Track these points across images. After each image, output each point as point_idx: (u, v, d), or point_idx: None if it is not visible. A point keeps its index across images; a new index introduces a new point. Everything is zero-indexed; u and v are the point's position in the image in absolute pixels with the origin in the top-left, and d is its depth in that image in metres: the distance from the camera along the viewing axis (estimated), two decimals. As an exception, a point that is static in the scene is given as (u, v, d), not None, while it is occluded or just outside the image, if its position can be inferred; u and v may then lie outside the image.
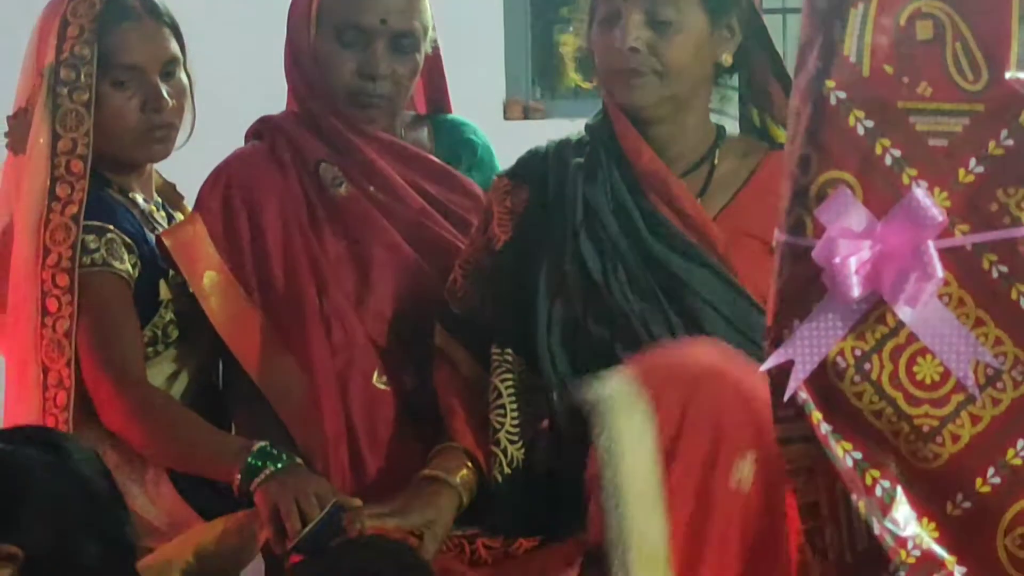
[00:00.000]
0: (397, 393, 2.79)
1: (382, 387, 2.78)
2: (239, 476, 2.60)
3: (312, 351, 2.77)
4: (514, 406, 2.64)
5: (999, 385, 1.73)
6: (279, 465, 2.61)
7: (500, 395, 2.64)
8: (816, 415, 1.75)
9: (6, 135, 2.85)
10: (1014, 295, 1.74)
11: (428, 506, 2.61)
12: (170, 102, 2.82)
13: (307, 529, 2.53)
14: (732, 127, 2.70)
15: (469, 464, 2.66)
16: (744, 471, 2.13)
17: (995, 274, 1.74)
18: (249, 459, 2.60)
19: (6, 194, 2.83)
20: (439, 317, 2.73)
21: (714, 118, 2.66)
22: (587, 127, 2.66)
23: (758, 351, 1.86)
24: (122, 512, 2.18)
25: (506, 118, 5.70)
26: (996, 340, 1.74)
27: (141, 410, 2.72)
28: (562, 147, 2.67)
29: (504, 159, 2.85)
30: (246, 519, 2.61)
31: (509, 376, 2.64)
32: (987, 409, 1.73)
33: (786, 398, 1.76)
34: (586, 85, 5.85)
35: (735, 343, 2.39)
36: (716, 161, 2.61)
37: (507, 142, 2.95)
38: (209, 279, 2.80)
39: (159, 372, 2.81)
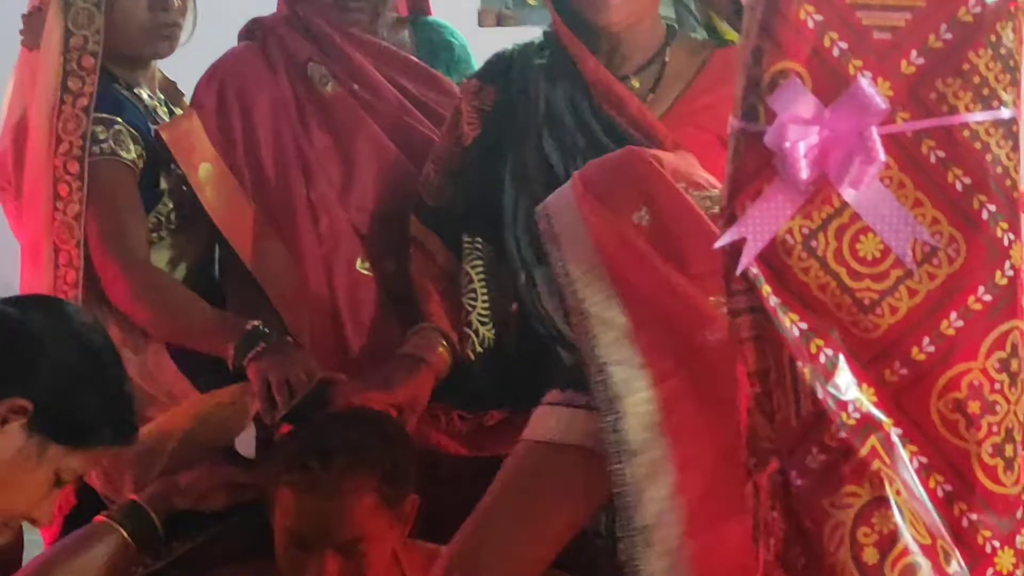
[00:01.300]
0: (378, 277, 2.81)
1: (365, 272, 2.80)
2: (233, 352, 2.64)
3: (300, 238, 2.79)
4: (484, 290, 2.67)
5: (935, 261, 1.75)
6: (270, 342, 2.64)
7: (471, 280, 2.68)
8: (766, 289, 1.77)
9: (21, 32, 2.86)
10: (950, 178, 1.76)
11: (407, 381, 2.65)
12: (176, 2, 2.84)
13: (295, 401, 2.57)
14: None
15: (444, 343, 2.70)
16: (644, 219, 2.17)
17: (933, 159, 1.76)
18: (243, 336, 2.64)
19: (21, 87, 2.85)
20: (414, 209, 2.75)
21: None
22: (544, 34, 2.66)
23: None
24: (119, 371, 2.21)
25: (480, 25, 5.69)
26: (933, 220, 1.76)
27: (145, 289, 2.74)
28: (526, 50, 2.67)
29: (479, 64, 2.88)
30: (239, 391, 2.64)
31: (479, 263, 2.67)
32: (923, 283, 1.75)
33: (738, 273, 1.78)
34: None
35: None
36: (667, 59, 2.61)
37: (481, 48, 2.96)
38: (204, 171, 2.82)
39: (161, 257, 2.83)
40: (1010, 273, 1.76)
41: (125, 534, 2.48)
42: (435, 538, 2.62)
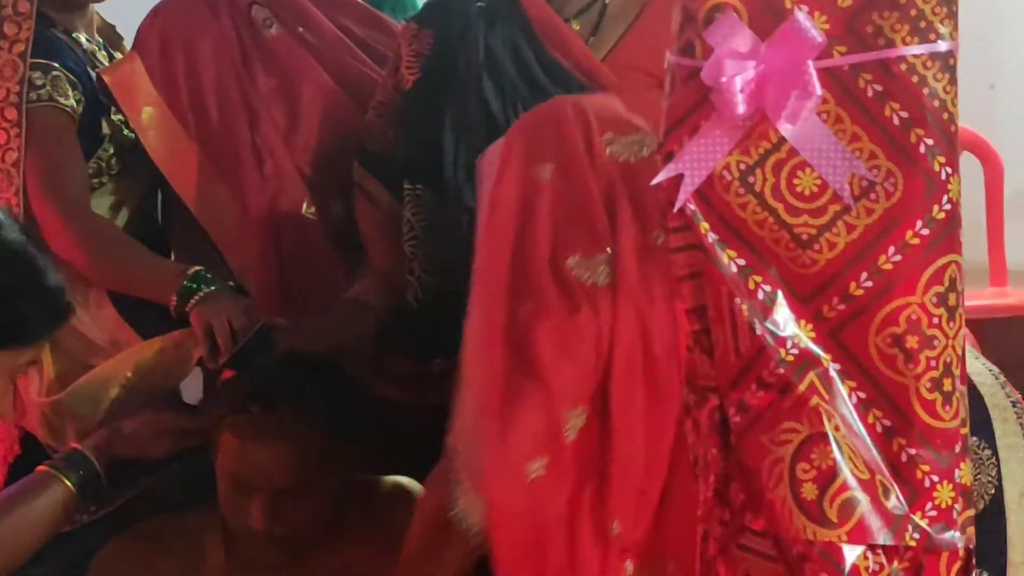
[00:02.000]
0: (325, 221, 2.80)
1: (310, 216, 2.80)
2: (175, 298, 2.63)
3: (244, 182, 2.78)
4: (427, 238, 2.66)
5: (872, 196, 1.74)
6: (212, 288, 2.63)
7: (413, 228, 2.66)
8: (704, 225, 1.76)
9: (-47, -22, 2.83)
10: (887, 112, 1.74)
11: (349, 326, 2.64)
12: None
13: (238, 347, 2.56)
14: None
15: (387, 289, 2.69)
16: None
17: (870, 92, 1.75)
18: (184, 282, 2.63)
19: (-46, 34, 2.83)
20: (356, 154, 2.73)
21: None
22: None
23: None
24: (45, 260, 2.20)
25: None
26: (870, 154, 1.75)
27: (86, 236, 2.72)
28: None
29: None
30: (181, 337, 2.63)
31: (421, 209, 2.66)
32: (861, 218, 1.74)
33: (675, 209, 1.77)
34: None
35: None
36: (607, 0, 2.60)
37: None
38: (147, 114, 2.79)
39: (102, 203, 2.81)
40: (948, 207, 1.75)
41: (68, 483, 2.47)
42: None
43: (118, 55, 2.92)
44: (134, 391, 2.62)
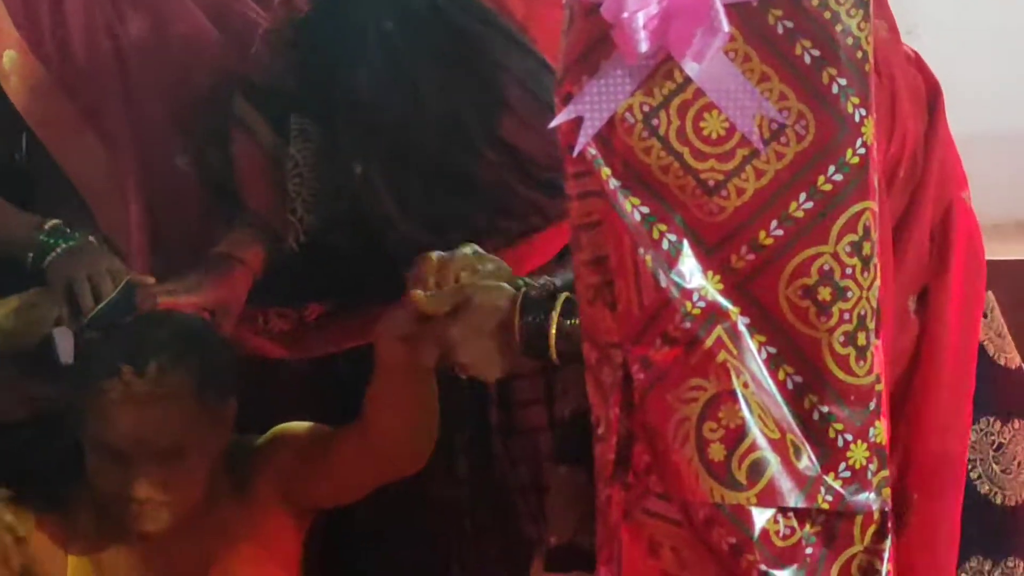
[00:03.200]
0: (200, 171, 2.69)
1: (184, 166, 2.69)
2: (31, 253, 2.51)
3: (114, 131, 2.67)
4: (312, 175, 2.56)
5: (783, 139, 1.66)
6: (72, 243, 2.51)
7: (297, 164, 2.56)
8: (605, 171, 1.67)
9: None
10: (798, 50, 1.66)
11: (220, 283, 2.54)
12: None
13: (100, 306, 2.44)
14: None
15: (261, 240, 2.59)
16: None
17: (780, 29, 1.66)
18: (41, 236, 2.51)
19: None
20: (239, 87, 2.62)
21: None
22: None
23: (550, 112, 1.79)
24: None
25: None
26: (781, 95, 1.66)
27: None
28: None
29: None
30: (36, 296, 2.50)
31: (308, 145, 2.55)
32: (771, 163, 1.66)
33: (575, 154, 1.69)
34: None
35: (530, 106, 2.35)
36: None
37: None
38: (8, 58, 2.66)
39: None
40: (861, 151, 1.68)
41: None
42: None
43: (-22, -2, 2.77)
44: None
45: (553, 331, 1.88)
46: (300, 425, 2.54)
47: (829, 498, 1.67)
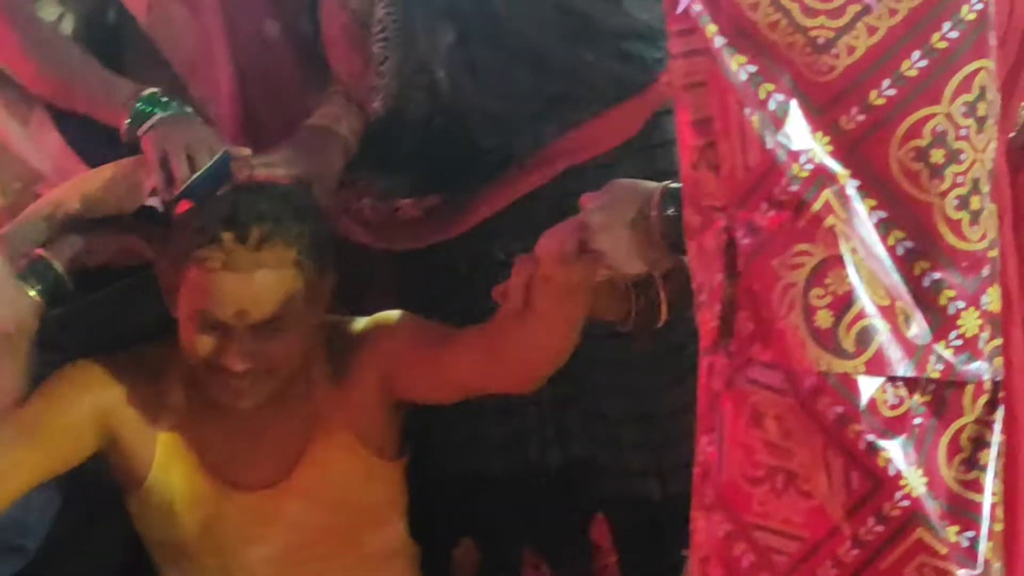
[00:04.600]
0: (291, 40, 2.67)
1: (276, 34, 2.67)
2: (127, 120, 2.49)
3: (201, 1, 2.65)
4: (397, 39, 2.53)
5: (896, -6, 1.63)
6: (168, 112, 2.50)
7: (385, 28, 2.53)
8: (711, 28, 1.63)
9: None
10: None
11: (315, 155, 2.54)
12: None
13: (195, 176, 2.43)
14: None
15: (355, 110, 2.57)
16: None
17: None
18: (138, 104, 2.50)
19: None
20: None
21: None
22: None
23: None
24: None
25: None
26: (894, -53, 1.63)
27: (31, 44, 2.59)
28: None
29: None
30: (133, 166, 2.50)
31: (394, 8, 2.53)
32: (883, 20, 1.61)
33: (679, 11, 1.65)
34: None
35: None
36: None
37: None
38: None
39: (49, 13, 2.65)
40: (978, 7, 1.63)
41: (33, 293, 2.41)
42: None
43: None
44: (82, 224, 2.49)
45: None
46: (403, 314, 2.53)
47: (939, 367, 1.64)
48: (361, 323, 2.55)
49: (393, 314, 2.54)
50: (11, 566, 2.50)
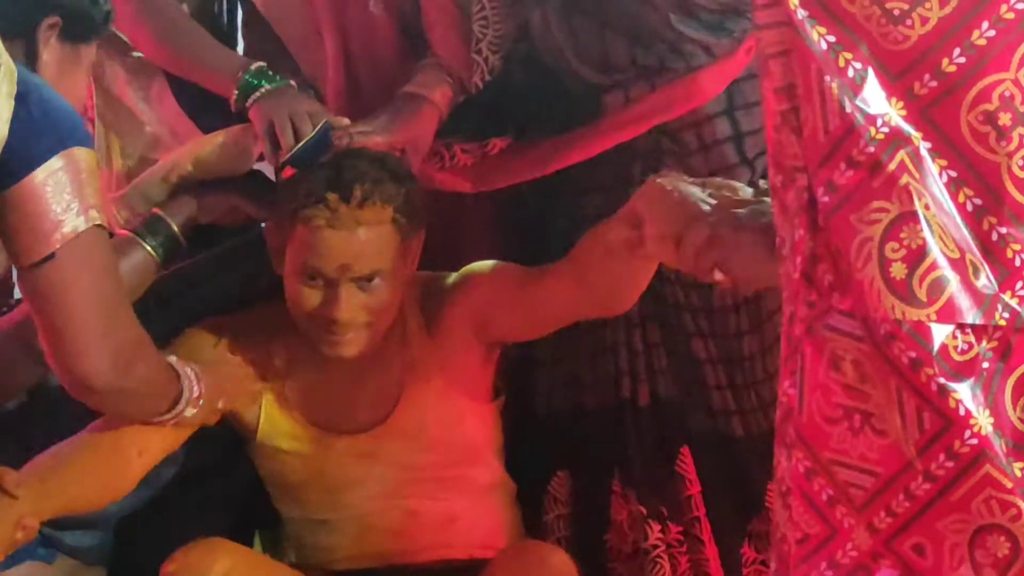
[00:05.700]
0: (394, 16, 2.77)
1: (379, 11, 2.77)
2: (236, 92, 2.61)
3: None
4: (496, 17, 2.64)
5: (967, -31, 1.73)
6: (274, 84, 2.61)
7: (484, 7, 2.64)
8: (792, 1, 1.74)
9: None
10: None
11: (410, 122, 2.64)
12: None
13: (299, 145, 2.55)
14: None
15: (448, 79, 2.68)
16: None
17: None
18: (246, 76, 2.61)
19: None
20: None
21: None
22: None
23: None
24: None
25: None
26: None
27: (150, 13, 2.70)
28: None
29: None
30: (242, 133, 2.63)
31: None
32: (955, -8, 1.72)
33: (764, -14, 1.75)
34: None
35: None
36: None
37: None
38: None
39: None
40: (1046, -21, 1.72)
41: (149, 248, 2.54)
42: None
43: None
44: (194, 185, 2.62)
45: None
46: (493, 263, 2.65)
47: (1006, 315, 1.72)
48: (452, 277, 2.67)
49: (483, 264, 2.66)
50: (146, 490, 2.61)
